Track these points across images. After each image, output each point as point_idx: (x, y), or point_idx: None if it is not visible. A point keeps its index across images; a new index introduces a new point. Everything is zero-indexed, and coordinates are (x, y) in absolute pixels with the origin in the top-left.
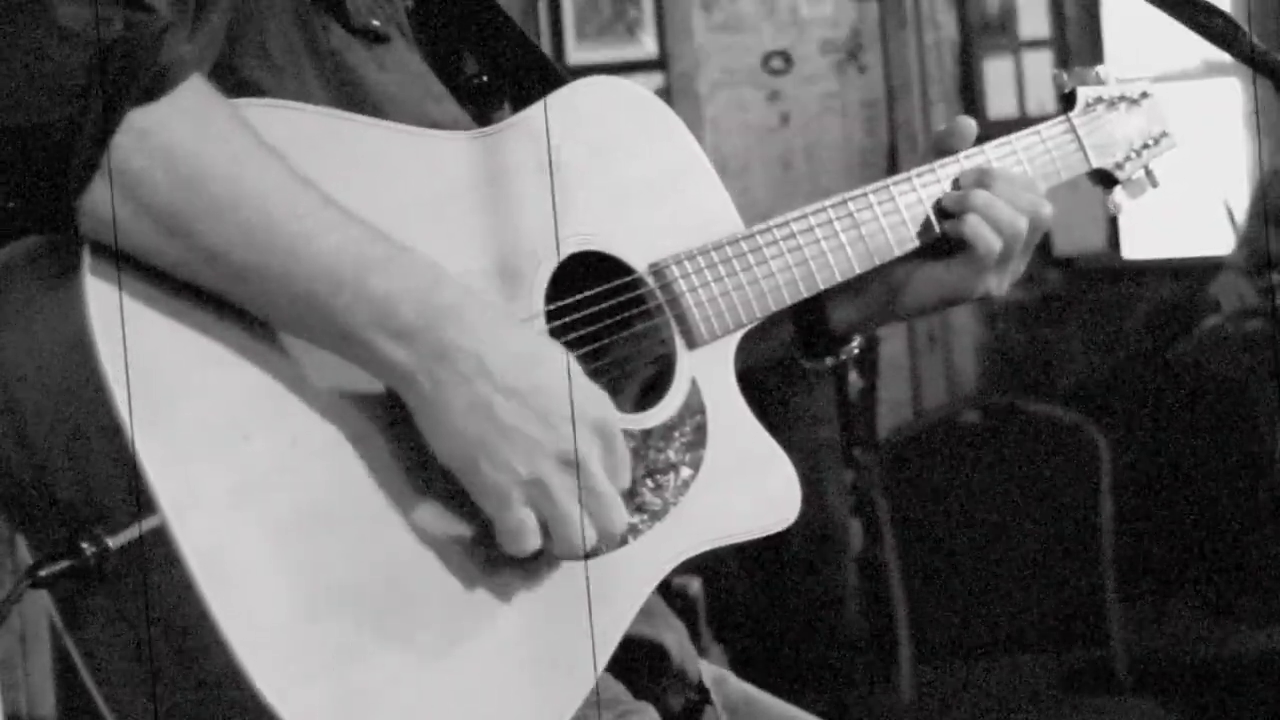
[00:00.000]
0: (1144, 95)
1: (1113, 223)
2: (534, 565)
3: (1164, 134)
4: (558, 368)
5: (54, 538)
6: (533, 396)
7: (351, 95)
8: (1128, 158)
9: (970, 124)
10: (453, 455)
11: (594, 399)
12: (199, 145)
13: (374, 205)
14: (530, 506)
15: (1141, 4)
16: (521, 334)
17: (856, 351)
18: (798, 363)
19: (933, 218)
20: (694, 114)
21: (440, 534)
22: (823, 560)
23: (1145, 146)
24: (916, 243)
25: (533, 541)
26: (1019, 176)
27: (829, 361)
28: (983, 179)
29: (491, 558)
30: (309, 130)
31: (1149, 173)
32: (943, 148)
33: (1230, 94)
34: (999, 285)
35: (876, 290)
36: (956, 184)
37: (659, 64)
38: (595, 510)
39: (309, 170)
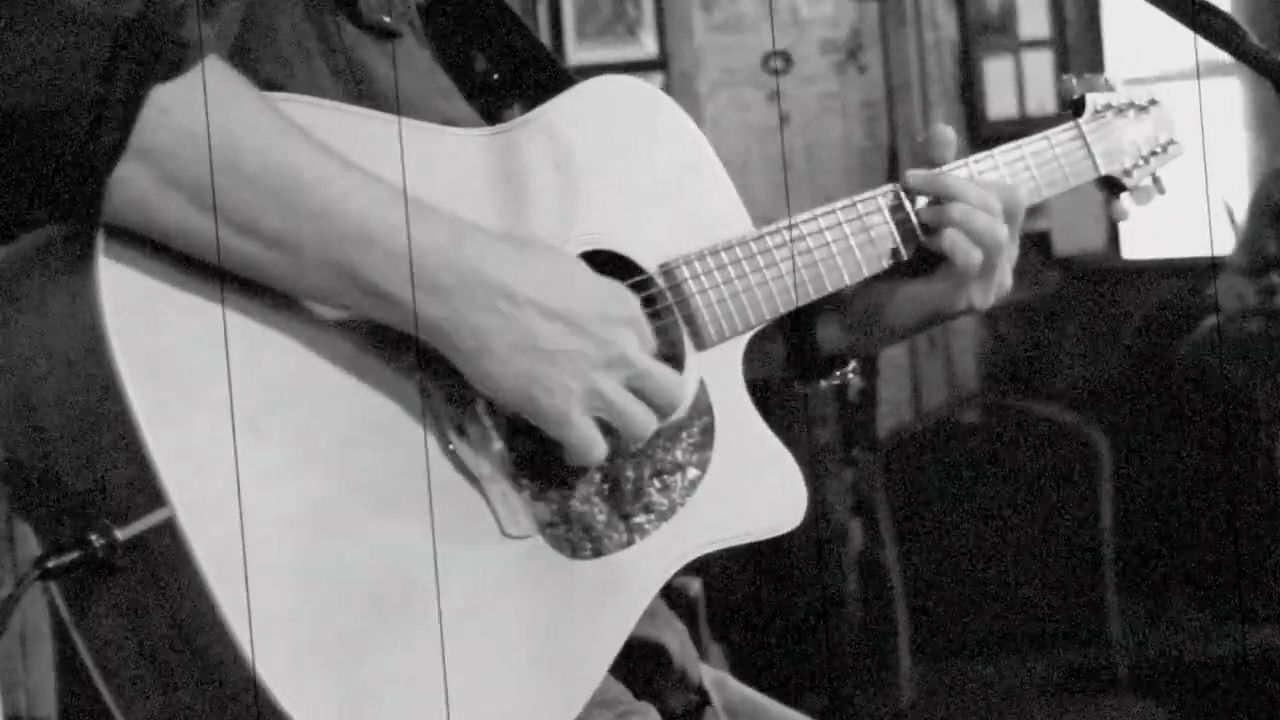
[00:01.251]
0: (1152, 102)
1: (1113, 223)
2: (539, 565)
3: (1171, 141)
4: (580, 274)
5: (63, 529)
6: (567, 314)
7: (363, 91)
8: (1135, 165)
9: (949, 134)
10: (506, 395)
11: (615, 296)
12: (224, 118)
13: None
14: (590, 415)
15: (1141, 4)
16: (541, 256)
17: (852, 376)
18: (790, 384)
19: (917, 229)
20: (694, 114)
21: (448, 532)
22: (823, 560)
23: (1153, 154)
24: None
25: (601, 450)
26: (994, 184)
27: (823, 385)
28: (957, 192)
29: (499, 557)
30: (327, 125)
31: (1156, 180)
32: (927, 157)
33: (1230, 94)
34: (982, 299)
35: (860, 309)
36: (935, 199)
37: (659, 64)
38: (651, 390)
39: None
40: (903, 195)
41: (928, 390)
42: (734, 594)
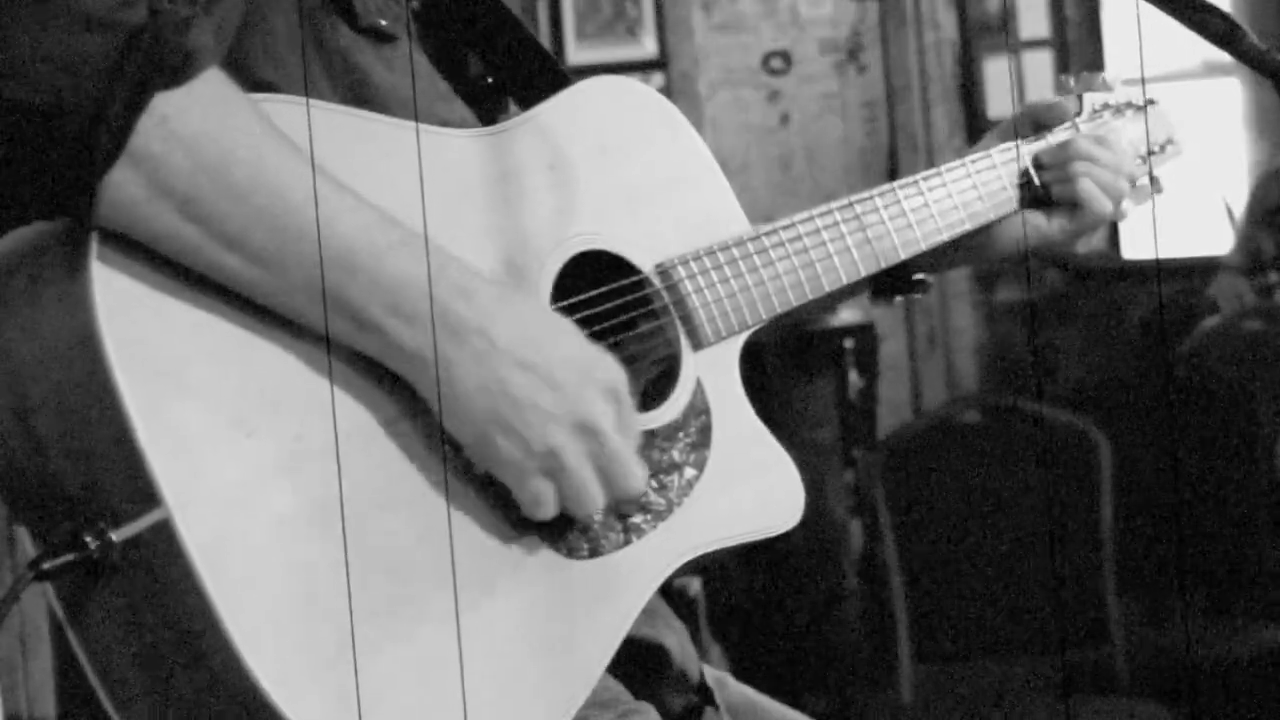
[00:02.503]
0: (1150, 102)
1: (1112, 223)
2: (535, 565)
3: (1170, 141)
4: (566, 337)
5: (58, 530)
6: (544, 368)
7: (359, 94)
8: (1134, 164)
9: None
10: (466, 433)
11: (604, 364)
12: (220, 131)
13: (384, 201)
14: (546, 476)
15: (1141, 4)
16: (529, 309)
17: (923, 294)
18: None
19: (1034, 175)
20: (694, 114)
21: (443, 531)
22: (823, 561)
23: (1151, 153)
24: (923, 246)
25: (549, 509)
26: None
27: (898, 299)
28: (1088, 151)
29: (495, 556)
30: (322, 126)
31: (1154, 179)
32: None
33: (1230, 94)
34: (1093, 231)
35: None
36: (1059, 151)
37: (659, 64)
38: (613, 472)
39: (323, 165)
40: (1025, 156)
41: (928, 390)
42: (734, 594)
